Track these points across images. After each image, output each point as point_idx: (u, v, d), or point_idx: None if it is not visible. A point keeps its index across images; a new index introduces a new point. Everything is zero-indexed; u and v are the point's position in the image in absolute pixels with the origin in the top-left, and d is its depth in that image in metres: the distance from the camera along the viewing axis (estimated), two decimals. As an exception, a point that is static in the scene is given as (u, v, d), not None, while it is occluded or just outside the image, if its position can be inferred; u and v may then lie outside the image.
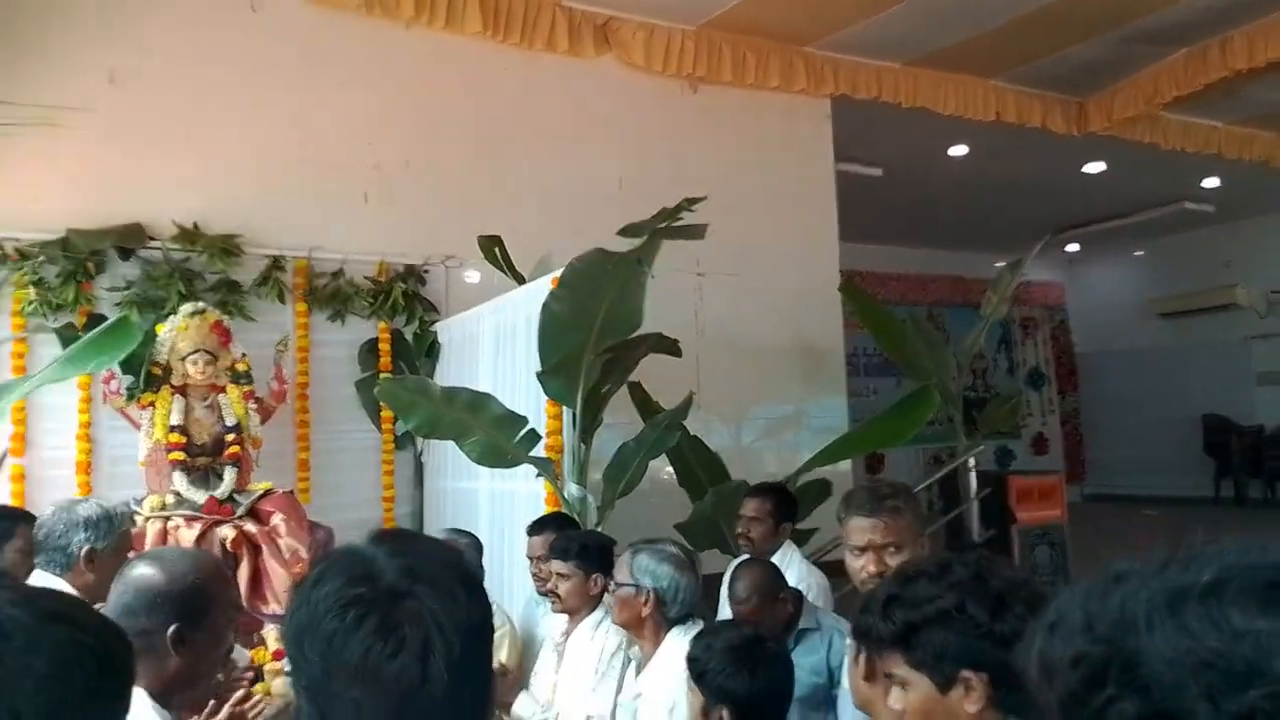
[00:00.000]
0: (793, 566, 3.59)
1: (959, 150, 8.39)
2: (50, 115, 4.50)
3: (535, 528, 3.41)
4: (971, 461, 5.72)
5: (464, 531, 3.39)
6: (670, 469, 4.86)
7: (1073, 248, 12.83)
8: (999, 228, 10.73)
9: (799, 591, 3.13)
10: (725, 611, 3.82)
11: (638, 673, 2.66)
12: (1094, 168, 9.10)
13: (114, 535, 2.70)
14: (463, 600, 0.99)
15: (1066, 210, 10.57)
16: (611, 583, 2.67)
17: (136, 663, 1.74)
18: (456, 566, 1.04)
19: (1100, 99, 7.41)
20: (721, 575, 3.99)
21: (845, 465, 6.14)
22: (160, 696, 1.75)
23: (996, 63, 6.85)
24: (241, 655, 3.48)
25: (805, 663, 2.91)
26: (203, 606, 1.78)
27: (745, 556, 3.44)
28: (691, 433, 4.89)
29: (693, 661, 2.11)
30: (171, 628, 1.72)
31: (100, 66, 4.73)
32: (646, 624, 2.59)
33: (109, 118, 4.74)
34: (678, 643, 2.60)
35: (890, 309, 6.41)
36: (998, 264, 8.77)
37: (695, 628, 2.68)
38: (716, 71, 6.24)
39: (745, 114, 6.50)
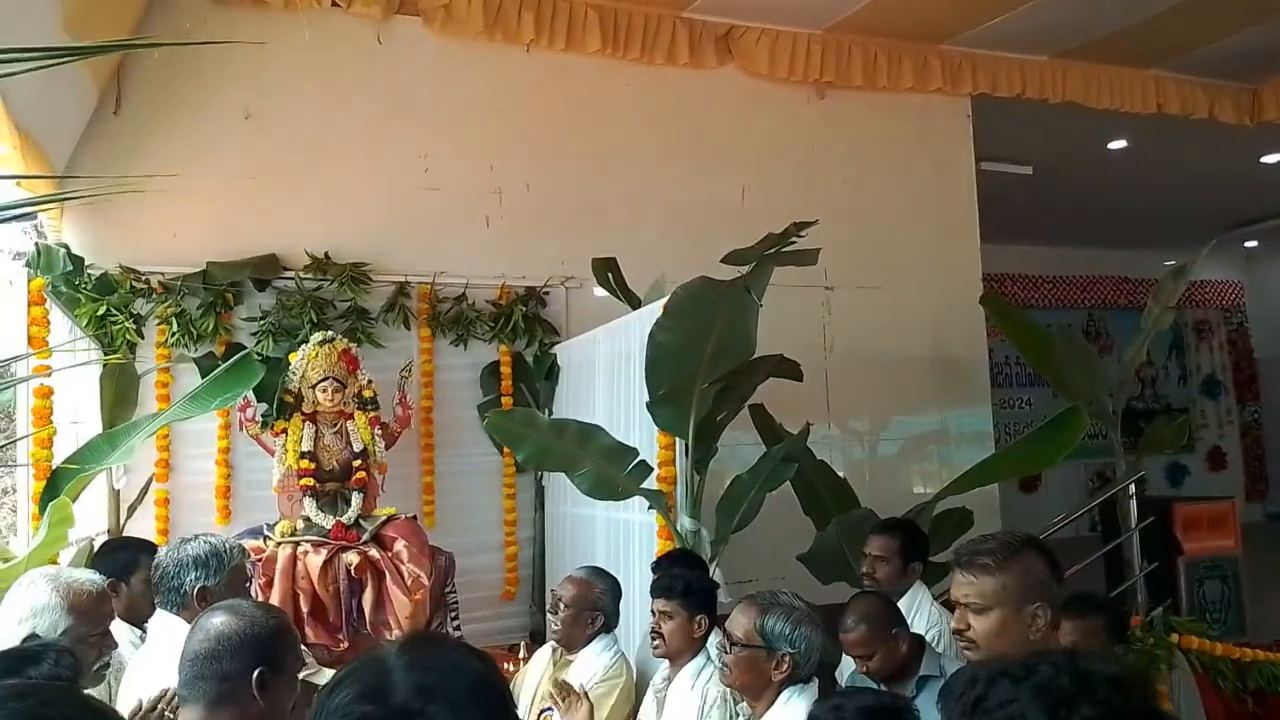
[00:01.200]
0: (922, 610, 3.35)
1: (1118, 144, 7.81)
2: (192, 157, 4.74)
3: (662, 564, 3.30)
4: (1132, 487, 5.24)
5: (603, 572, 3.30)
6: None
7: (1251, 244, 11.75)
8: (1166, 224, 9.92)
9: (920, 637, 2.90)
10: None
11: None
12: (1274, 158, 8.29)
13: (225, 571, 2.72)
14: None
15: (1242, 204, 9.68)
16: (723, 640, 2.51)
17: (219, 714, 1.74)
18: (477, 686, 0.97)
19: (1277, 85, 6.71)
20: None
21: (992, 489, 5.77)
22: None
23: (1155, 52, 6.31)
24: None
25: (929, 715, 2.70)
26: (282, 652, 1.81)
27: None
28: (819, 456, 4.69)
29: None
30: (256, 671, 1.74)
31: (237, 106, 4.94)
32: (769, 687, 2.43)
33: (245, 154, 4.94)
34: (793, 704, 2.43)
35: (1038, 318, 5.99)
36: (1166, 262, 8.11)
37: (810, 688, 2.51)
38: (845, 75, 5.99)
39: (876, 118, 6.22)
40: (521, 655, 4.37)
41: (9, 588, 2.99)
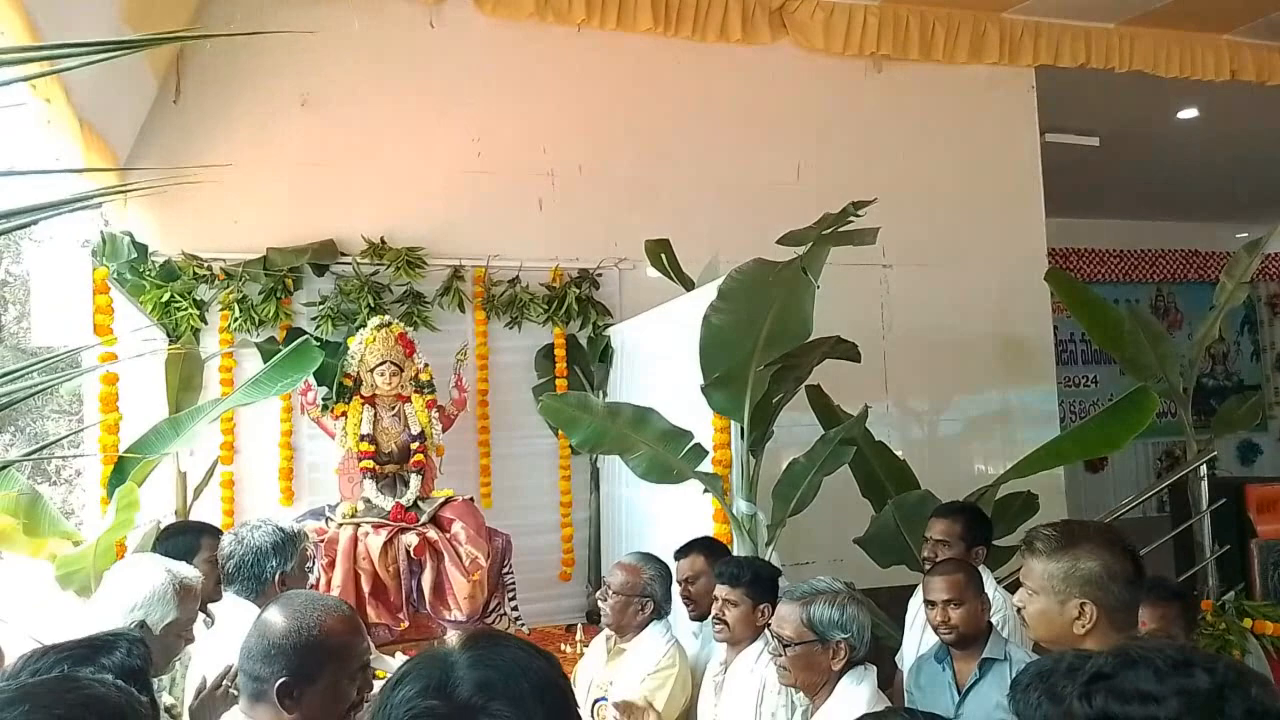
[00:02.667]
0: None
1: (1188, 113, 7.53)
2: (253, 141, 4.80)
3: (681, 551, 3.28)
4: (1204, 468, 5.07)
5: (652, 557, 3.29)
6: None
7: (1330, 215, 11.26)
8: (1239, 196, 9.54)
9: (989, 622, 2.85)
10: (911, 632, 3.56)
11: (803, 721, 2.48)
12: (1358, 124, 7.90)
13: (296, 555, 2.80)
14: None
15: (1323, 173, 9.26)
16: (774, 645, 2.48)
17: (257, 711, 1.75)
18: (539, 682, 0.96)
19: (1359, 47, 6.41)
20: (909, 588, 3.73)
21: (1057, 469, 5.63)
22: None
23: (1229, 15, 6.05)
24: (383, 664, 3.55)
25: (991, 697, 2.66)
26: (317, 663, 1.75)
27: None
28: (879, 437, 4.62)
29: None
30: (279, 681, 1.71)
31: (293, 93, 4.99)
32: (829, 677, 2.41)
33: (301, 140, 4.99)
34: (853, 692, 2.41)
35: (1104, 294, 5.80)
36: (1239, 235, 7.81)
37: (869, 674, 2.48)
38: (903, 48, 5.85)
39: (935, 91, 6.06)
40: (579, 637, 4.40)
41: (79, 571, 3.09)
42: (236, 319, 4.70)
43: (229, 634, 2.43)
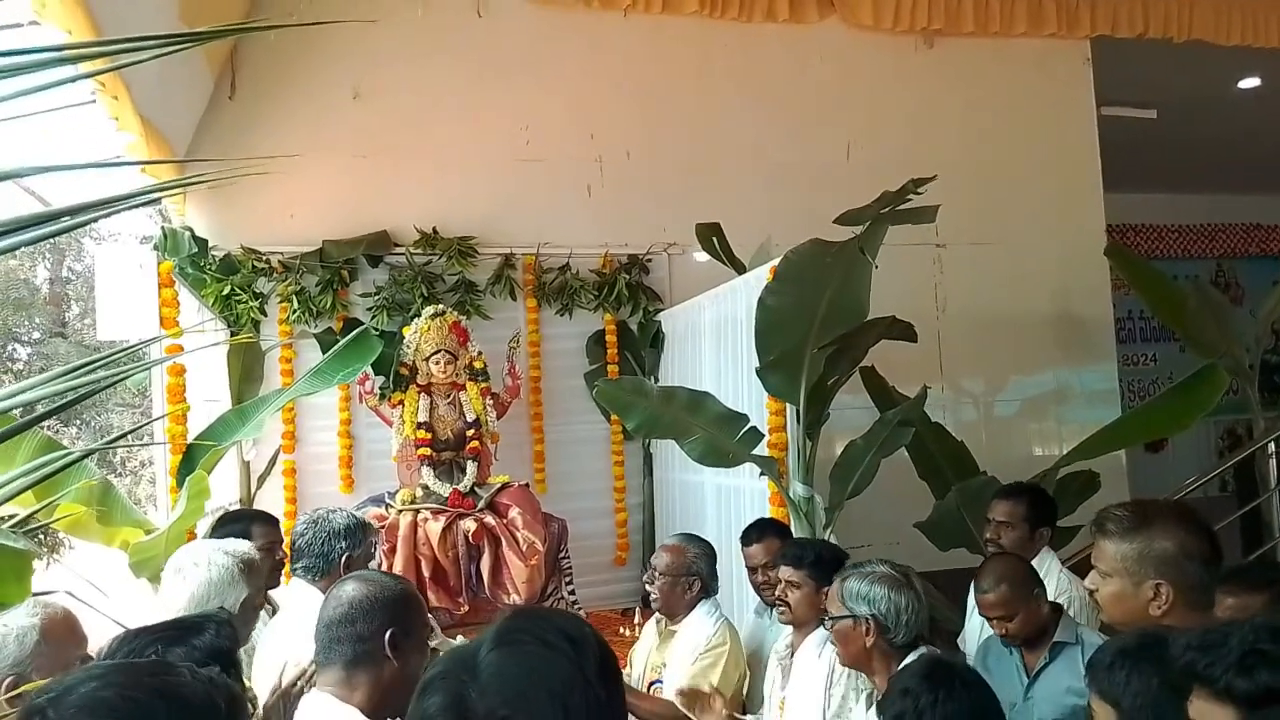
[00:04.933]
0: (1051, 576, 3.21)
1: (1250, 83, 7.30)
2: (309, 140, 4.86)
3: (750, 536, 3.27)
4: (1272, 445, 4.94)
5: (695, 537, 3.29)
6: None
7: (1402, 183, 10.86)
8: (1306, 166, 9.25)
9: (1057, 605, 2.80)
10: (973, 617, 3.52)
11: (868, 705, 2.46)
12: None
13: (365, 542, 2.86)
14: None
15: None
16: (826, 619, 2.48)
17: (356, 675, 1.80)
18: (564, 688, 0.96)
19: None
20: (969, 571, 3.68)
21: (1118, 450, 5.52)
22: (377, 712, 1.79)
23: (1295, -21, 5.86)
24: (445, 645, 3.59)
25: (1062, 681, 2.62)
26: (414, 615, 1.88)
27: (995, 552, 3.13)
28: (933, 419, 4.56)
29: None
30: (389, 631, 1.79)
31: (344, 86, 5.04)
32: (873, 656, 2.38)
33: (354, 133, 5.05)
34: (911, 674, 2.38)
35: (1163, 269, 5.66)
36: (1305, 208, 7.58)
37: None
38: (955, 23, 5.75)
39: (988, 66, 5.96)
40: (636, 620, 4.42)
41: (152, 558, 3.17)
42: (295, 311, 4.78)
43: (296, 617, 2.48)
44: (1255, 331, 5.44)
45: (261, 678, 2.36)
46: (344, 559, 2.75)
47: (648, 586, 3.26)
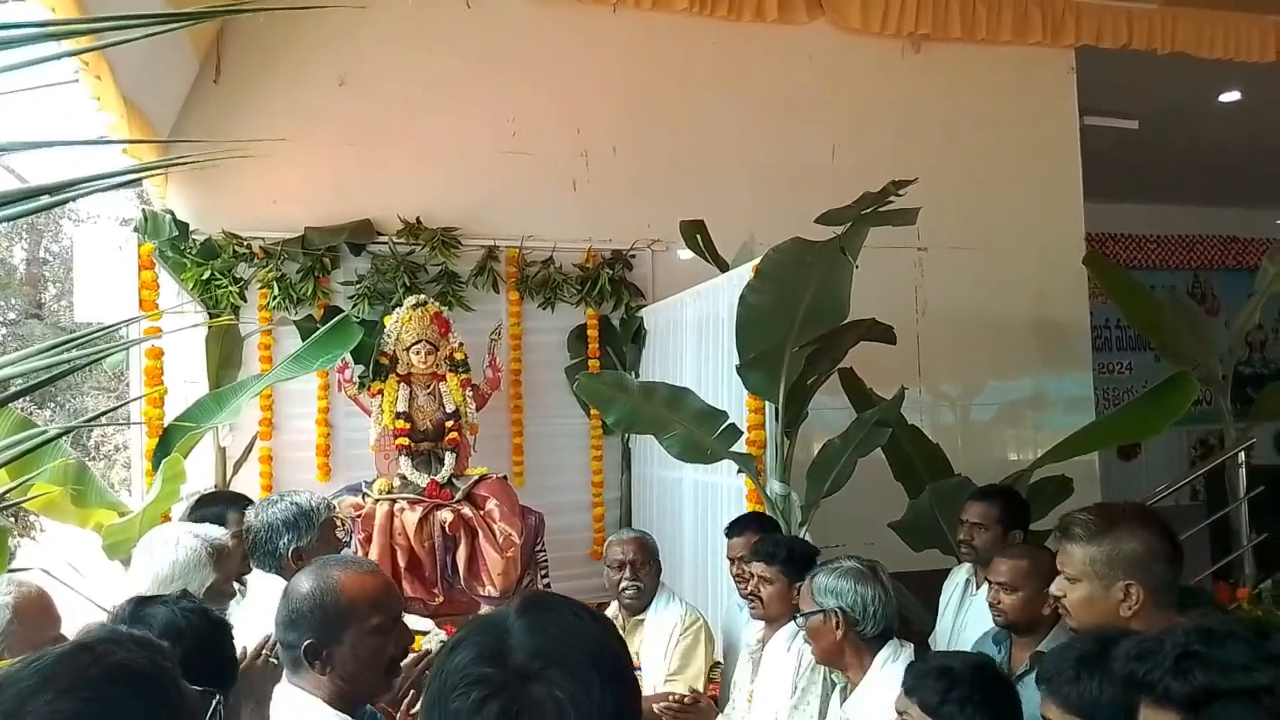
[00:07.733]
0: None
1: (1231, 96, 7.39)
2: (290, 120, 4.83)
3: (735, 529, 3.30)
4: (1242, 455, 5.02)
5: (630, 528, 3.41)
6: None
7: (1374, 200, 11.01)
8: (1280, 181, 9.36)
9: (1057, 615, 2.83)
10: (944, 616, 3.56)
11: (842, 699, 2.49)
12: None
13: (315, 529, 2.72)
14: (596, 689, 0.93)
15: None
16: (799, 617, 2.51)
17: (303, 677, 1.77)
18: (594, 649, 0.97)
19: None
20: (941, 572, 3.73)
21: (1091, 456, 5.59)
22: (338, 703, 1.79)
23: (1277, -5, 5.93)
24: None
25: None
26: (339, 622, 1.77)
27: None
28: (910, 421, 4.60)
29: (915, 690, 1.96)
30: (305, 644, 1.76)
31: (331, 72, 5.02)
32: (845, 650, 2.41)
33: (340, 120, 5.03)
34: (888, 668, 2.42)
35: (1145, 281, 5.73)
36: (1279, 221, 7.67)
37: (904, 650, 2.48)
38: (942, 28, 5.78)
39: (974, 72, 6.00)
40: (611, 614, 4.43)
41: (126, 540, 3.15)
42: (275, 297, 4.75)
43: (260, 605, 2.46)
44: (1229, 342, 5.52)
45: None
46: (291, 551, 2.64)
47: (627, 582, 3.29)
